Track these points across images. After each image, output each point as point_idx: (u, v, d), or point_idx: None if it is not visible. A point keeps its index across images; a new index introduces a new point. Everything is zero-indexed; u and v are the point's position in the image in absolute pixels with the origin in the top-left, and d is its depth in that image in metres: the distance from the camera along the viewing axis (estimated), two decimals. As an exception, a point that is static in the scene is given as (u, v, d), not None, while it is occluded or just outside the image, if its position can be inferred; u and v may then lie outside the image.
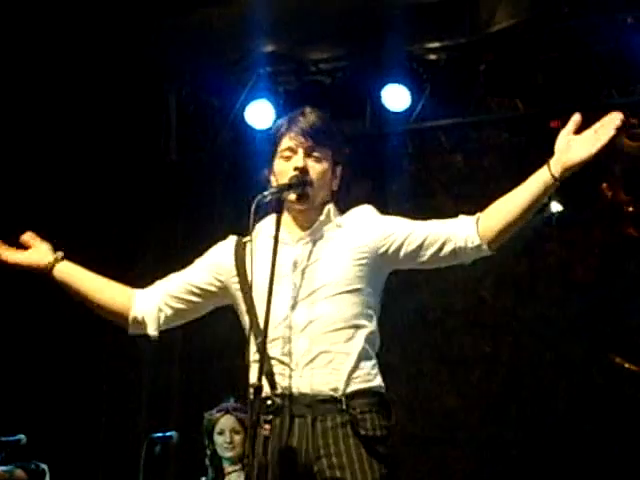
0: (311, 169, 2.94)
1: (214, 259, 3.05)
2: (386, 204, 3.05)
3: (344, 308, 2.86)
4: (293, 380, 2.82)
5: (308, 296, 2.86)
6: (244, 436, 4.78)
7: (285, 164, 2.96)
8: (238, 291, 2.96)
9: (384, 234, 2.94)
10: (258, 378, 2.72)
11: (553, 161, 2.83)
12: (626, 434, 6.64)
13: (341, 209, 3.06)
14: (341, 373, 2.82)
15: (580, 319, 6.95)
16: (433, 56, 6.34)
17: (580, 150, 2.80)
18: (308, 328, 2.83)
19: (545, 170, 2.83)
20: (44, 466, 4.94)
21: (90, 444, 6.68)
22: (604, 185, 7.05)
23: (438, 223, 2.95)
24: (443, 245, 2.92)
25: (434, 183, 7.52)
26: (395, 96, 6.37)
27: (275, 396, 2.81)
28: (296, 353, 2.83)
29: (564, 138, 2.83)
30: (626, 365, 6.86)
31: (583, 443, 6.71)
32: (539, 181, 2.84)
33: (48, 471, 4.95)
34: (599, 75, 5.96)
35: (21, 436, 4.93)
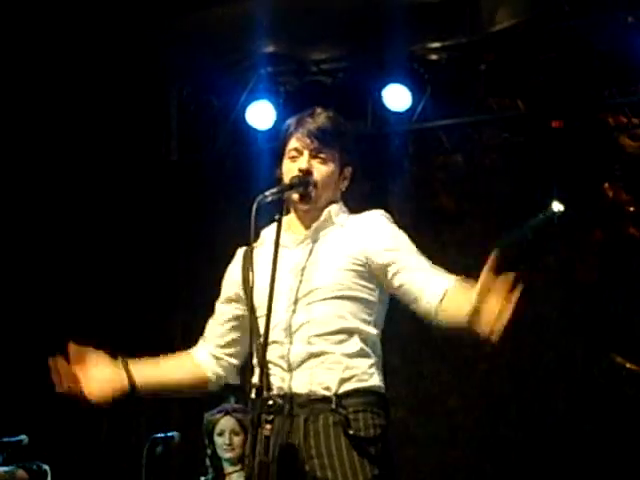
0: (316, 170, 2.94)
1: (230, 282, 3.06)
2: (387, 204, 3.05)
3: (339, 312, 2.85)
4: (287, 381, 2.83)
5: (303, 297, 2.87)
6: (244, 437, 4.78)
7: (291, 164, 2.96)
8: (241, 303, 2.99)
9: (377, 253, 2.90)
10: (259, 379, 2.74)
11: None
12: (627, 434, 6.64)
13: (350, 208, 3.05)
14: (334, 373, 2.82)
15: (581, 319, 6.94)
16: (434, 56, 6.34)
17: (485, 322, 2.77)
18: (302, 330, 2.84)
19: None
20: (46, 467, 4.95)
21: (92, 445, 6.68)
22: (605, 185, 7.05)
23: (417, 273, 2.88)
24: (410, 303, 2.90)
25: (435, 183, 7.52)
26: (396, 96, 6.37)
27: (271, 397, 2.81)
28: (291, 355, 2.84)
29: (486, 280, 2.78)
30: (627, 365, 6.86)
31: (584, 443, 6.71)
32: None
33: (50, 472, 4.96)
34: (600, 75, 5.96)
35: (23, 437, 4.93)
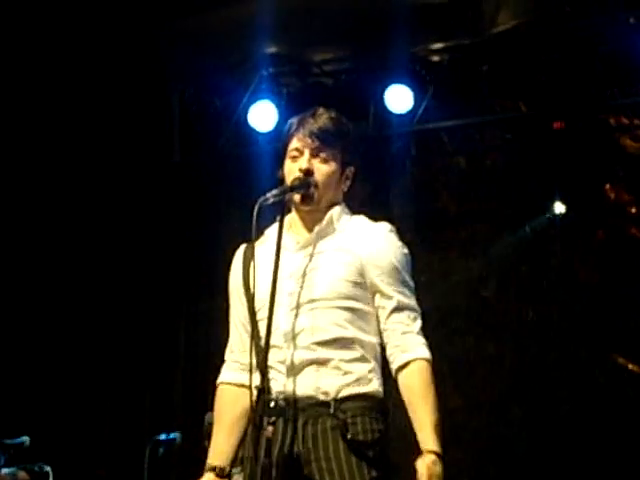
0: (317, 170, 2.94)
1: (235, 286, 3.04)
2: (389, 205, 3.04)
3: (338, 321, 2.86)
4: (286, 385, 2.84)
5: (303, 305, 2.86)
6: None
7: (292, 164, 2.97)
8: (243, 297, 2.97)
9: (374, 273, 2.89)
10: (261, 381, 2.74)
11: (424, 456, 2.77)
12: (629, 435, 6.64)
13: (352, 210, 3.06)
14: (333, 378, 2.83)
15: (583, 320, 6.95)
16: (436, 57, 6.34)
17: None
18: (302, 336, 2.84)
19: (426, 448, 2.78)
20: (48, 468, 4.95)
21: (94, 446, 6.69)
22: (607, 186, 7.05)
23: (394, 325, 2.89)
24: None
25: (437, 184, 7.53)
26: (398, 97, 6.37)
27: (272, 399, 2.82)
28: (290, 360, 2.84)
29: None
30: (629, 366, 6.86)
31: (586, 443, 6.71)
32: (419, 436, 2.81)
33: (51, 473, 4.96)
34: (602, 76, 5.95)
35: (25, 438, 4.94)
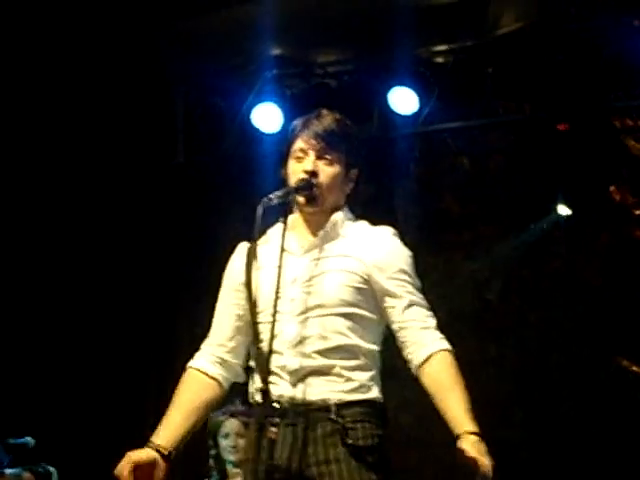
0: (321, 172, 2.94)
1: (233, 282, 3.02)
2: (392, 207, 3.04)
3: (340, 329, 2.86)
4: (286, 390, 2.84)
5: (306, 312, 2.86)
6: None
7: (296, 165, 2.97)
8: (244, 300, 2.94)
9: (379, 277, 2.90)
10: (263, 382, 2.74)
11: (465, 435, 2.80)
12: (633, 437, 6.63)
13: (356, 212, 3.05)
14: (334, 385, 2.84)
15: (587, 322, 6.94)
16: (440, 59, 6.34)
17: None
18: (303, 344, 2.84)
19: (465, 429, 2.83)
20: (52, 469, 4.94)
21: (98, 447, 6.68)
22: (612, 188, 7.04)
23: (408, 322, 2.90)
24: (395, 338, 2.95)
25: (441, 186, 7.52)
26: (402, 99, 6.36)
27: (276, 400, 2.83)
28: (291, 367, 2.84)
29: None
30: (633, 368, 6.86)
31: (590, 446, 6.70)
32: (453, 422, 2.87)
33: (56, 474, 4.96)
34: (606, 78, 5.94)
35: (29, 439, 4.93)
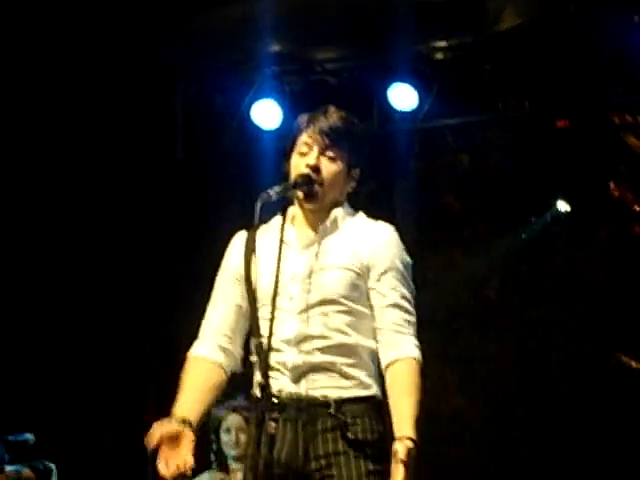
0: (324, 168, 2.94)
1: (231, 271, 3.01)
2: (392, 203, 3.04)
3: (341, 327, 2.86)
4: (287, 386, 2.85)
5: (306, 309, 2.87)
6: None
7: (300, 159, 2.97)
8: (243, 290, 2.94)
9: (373, 272, 2.89)
10: (263, 377, 2.75)
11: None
12: (632, 433, 6.64)
13: (355, 208, 3.06)
14: (334, 382, 2.85)
15: (586, 318, 6.95)
16: (440, 55, 6.33)
17: None
18: (304, 342, 2.85)
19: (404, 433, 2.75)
20: (52, 465, 4.95)
21: (98, 443, 6.69)
22: (611, 185, 7.05)
23: (386, 324, 2.87)
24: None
25: (440, 182, 7.53)
26: (402, 95, 6.36)
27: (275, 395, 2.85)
28: (291, 363, 2.85)
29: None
30: (632, 364, 6.86)
31: (589, 442, 6.71)
32: (398, 425, 2.78)
33: (56, 470, 4.97)
34: (606, 74, 5.94)
35: (29, 435, 4.94)
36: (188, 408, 2.87)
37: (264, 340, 2.78)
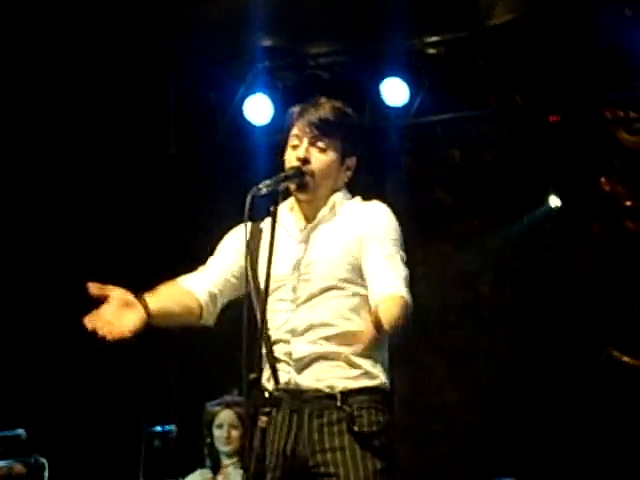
0: (314, 159, 2.95)
1: (230, 253, 3.05)
2: (384, 198, 3.04)
3: (344, 313, 2.87)
4: (293, 377, 2.87)
5: (306, 301, 2.88)
6: (242, 431, 4.80)
7: (291, 152, 2.99)
8: (242, 269, 2.97)
9: (365, 244, 2.90)
10: (256, 371, 2.75)
11: None
12: (624, 427, 6.65)
13: (353, 193, 3.07)
14: (340, 371, 2.86)
15: (578, 313, 6.95)
16: (432, 50, 6.33)
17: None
18: (308, 331, 2.87)
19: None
20: (43, 460, 4.95)
21: (89, 438, 6.69)
22: (603, 179, 7.05)
23: (375, 268, 2.87)
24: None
25: (432, 178, 7.52)
26: (394, 91, 6.36)
27: (277, 390, 2.87)
28: (297, 354, 2.86)
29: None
30: (624, 359, 6.87)
31: (581, 436, 6.72)
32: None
33: (47, 465, 4.96)
34: (598, 69, 5.95)
35: (20, 431, 4.94)
36: (153, 300, 2.89)
37: (271, 332, 2.82)
